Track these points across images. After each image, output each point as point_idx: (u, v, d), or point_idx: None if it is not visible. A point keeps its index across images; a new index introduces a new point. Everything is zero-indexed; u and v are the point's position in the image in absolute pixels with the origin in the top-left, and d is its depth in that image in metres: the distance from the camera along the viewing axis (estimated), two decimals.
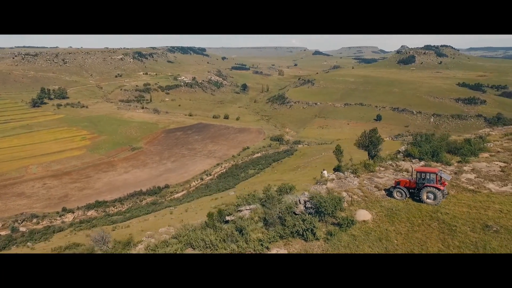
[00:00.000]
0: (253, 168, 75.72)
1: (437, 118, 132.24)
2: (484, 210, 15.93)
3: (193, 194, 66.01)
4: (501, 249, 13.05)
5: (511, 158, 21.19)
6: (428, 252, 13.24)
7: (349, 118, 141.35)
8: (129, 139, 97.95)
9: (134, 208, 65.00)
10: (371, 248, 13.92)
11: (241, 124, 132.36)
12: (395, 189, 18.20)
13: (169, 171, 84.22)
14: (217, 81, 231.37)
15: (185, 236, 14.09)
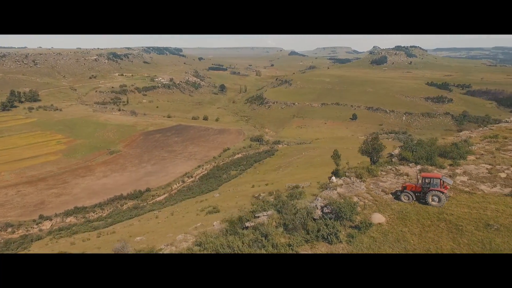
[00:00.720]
0: (235, 169, 76.51)
1: (409, 116, 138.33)
2: (483, 210, 17.71)
3: (176, 197, 65.89)
4: (504, 245, 14.72)
5: (494, 160, 23.32)
6: (443, 250, 14.64)
7: (326, 118, 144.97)
8: (107, 143, 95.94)
9: (116, 213, 64.05)
10: (391, 248, 15.18)
11: (221, 125, 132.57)
12: (403, 193, 20.05)
13: (150, 174, 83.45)
14: (195, 82, 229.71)
15: (209, 243, 14.57)
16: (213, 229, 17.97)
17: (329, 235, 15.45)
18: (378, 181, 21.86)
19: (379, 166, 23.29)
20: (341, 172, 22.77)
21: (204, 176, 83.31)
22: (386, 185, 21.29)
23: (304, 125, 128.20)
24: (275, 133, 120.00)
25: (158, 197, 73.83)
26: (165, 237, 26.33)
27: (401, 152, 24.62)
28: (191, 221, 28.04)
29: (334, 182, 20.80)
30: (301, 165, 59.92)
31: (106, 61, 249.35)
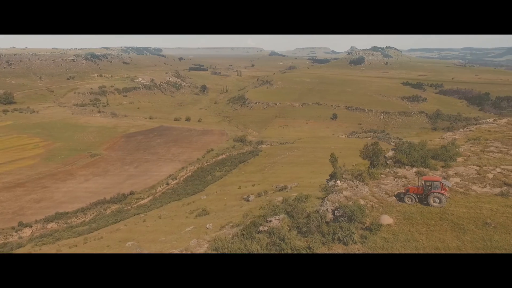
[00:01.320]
0: (220, 170, 77.01)
1: (386, 115, 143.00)
2: (479, 209, 19.39)
3: (161, 200, 65.72)
4: (503, 242, 16.26)
5: (481, 162, 25.24)
6: (450, 247, 15.88)
7: (308, 118, 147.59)
8: (87, 146, 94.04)
9: (99, 217, 63.08)
10: (403, 248, 16.28)
11: (204, 126, 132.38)
12: (406, 195, 21.74)
13: (133, 177, 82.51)
14: (176, 83, 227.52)
15: (227, 248, 15.02)
16: (225, 233, 18.49)
17: (344, 237, 16.51)
18: (379, 184, 23.27)
19: (378, 169, 24.75)
20: (338, 175, 23.90)
21: (189, 177, 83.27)
22: (387, 187, 22.70)
23: (286, 125, 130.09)
24: (258, 133, 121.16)
25: (143, 200, 73.17)
26: (158, 241, 26.76)
27: (396, 155, 26.23)
28: (181, 225, 28.48)
29: (339, 185, 21.95)
30: (285, 165, 61.29)
31: (84, 62, 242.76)
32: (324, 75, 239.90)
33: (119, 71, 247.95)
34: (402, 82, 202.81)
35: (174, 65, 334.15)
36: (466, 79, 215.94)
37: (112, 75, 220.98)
